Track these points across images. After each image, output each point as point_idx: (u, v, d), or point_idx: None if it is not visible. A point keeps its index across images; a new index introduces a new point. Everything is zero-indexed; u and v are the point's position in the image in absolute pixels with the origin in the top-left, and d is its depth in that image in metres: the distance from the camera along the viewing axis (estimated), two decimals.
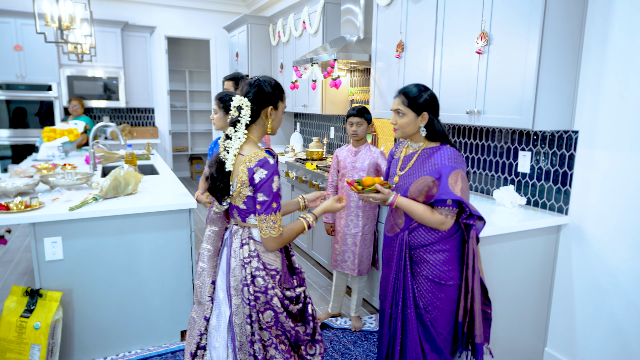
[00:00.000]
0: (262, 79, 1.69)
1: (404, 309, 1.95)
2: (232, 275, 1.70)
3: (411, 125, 1.91)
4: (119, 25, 6.01)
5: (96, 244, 2.41)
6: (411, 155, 1.99)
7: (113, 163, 4.02)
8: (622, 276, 2.17)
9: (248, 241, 1.69)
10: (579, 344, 2.40)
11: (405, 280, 1.93)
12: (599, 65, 2.21)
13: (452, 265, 1.90)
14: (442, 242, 1.89)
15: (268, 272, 1.68)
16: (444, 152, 1.87)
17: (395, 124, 1.94)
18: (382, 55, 3.33)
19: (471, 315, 1.94)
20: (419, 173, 1.89)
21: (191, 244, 2.65)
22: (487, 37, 2.35)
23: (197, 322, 1.86)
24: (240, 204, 1.68)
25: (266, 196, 1.60)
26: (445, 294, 1.91)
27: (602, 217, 2.24)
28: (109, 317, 2.51)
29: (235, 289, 1.69)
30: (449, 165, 1.82)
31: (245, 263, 1.67)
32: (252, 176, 1.60)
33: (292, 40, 4.93)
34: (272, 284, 1.67)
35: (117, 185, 2.62)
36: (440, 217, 1.81)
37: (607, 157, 2.20)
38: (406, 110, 1.89)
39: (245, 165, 1.61)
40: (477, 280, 1.90)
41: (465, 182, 1.82)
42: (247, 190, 1.63)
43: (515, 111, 2.24)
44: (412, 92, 1.89)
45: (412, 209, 1.85)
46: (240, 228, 1.73)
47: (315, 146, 4.76)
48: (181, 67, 7.96)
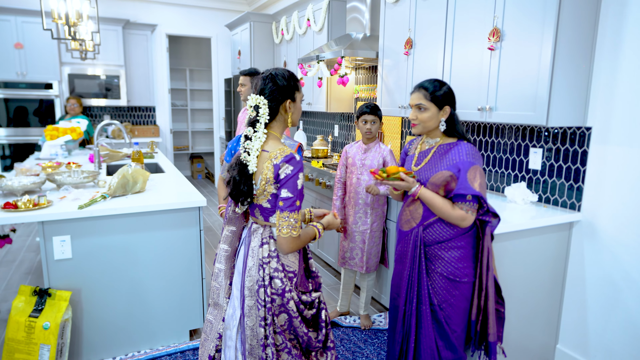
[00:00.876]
0: (274, 72, 1.63)
1: (418, 306, 1.93)
2: (247, 275, 1.65)
3: (433, 120, 1.89)
4: (121, 23, 5.98)
5: (105, 242, 2.39)
6: (427, 151, 1.97)
7: (117, 161, 3.99)
8: (636, 273, 2.16)
9: (269, 240, 1.64)
10: (591, 341, 2.39)
11: (420, 277, 1.91)
12: (612, 61, 2.20)
13: (467, 263, 1.89)
14: (457, 238, 1.87)
15: (286, 274, 1.63)
16: (461, 148, 1.86)
17: (415, 119, 1.92)
18: (389, 52, 3.31)
19: (485, 313, 1.93)
20: (437, 168, 1.88)
21: (200, 242, 2.63)
22: (500, 33, 2.34)
23: (215, 325, 1.81)
24: (264, 203, 1.63)
25: (290, 193, 1.55)
26: (459, 291, 1.90)
27: (616, 213, 2.23)
28: (117, 316, 2.48)
29: (249, 290, 1.63)
30: (468, 160, 1.80)
31: (264, 263, 1.61)
32: (278, 172, 1.55)
33: (296, 38, 4.91)
34: (289, 287, 1.62)
35: (126, 184, 2.60)
36: (461, 212, 1.80)
37: (621, 153, 2.19)
38: (428, 104, 1.88)
39: (271, 161, 1.57)
40: (491, 278, 1.89)
41: (484, 177, 1.82)
42: (272, 187, 1.58)
43: (528, 107, 2.22)
44: (433, 85, 1.88)
45: (434, 201, 1.84)
46: (261, 227, 1.68)
47: (319, 144, 4.74)
48: (182, 65, 7.92)
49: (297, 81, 1.68)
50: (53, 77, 5.70)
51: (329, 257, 3.85)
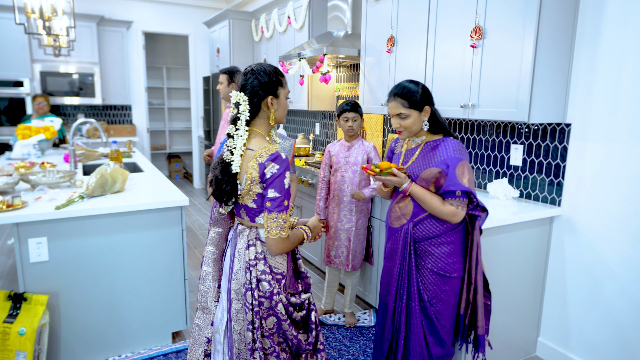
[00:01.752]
0: (256, 67, 1.58)
1: (408, 303, 1.94)
2: (234, 278, 1.60)
3: (417, 124, 1.91)
4: (95, 20, 5.81)
5: (83, 244, 2.31)
6: (414, 149, 1.98)
7: (94, 161, 3.87)
8: (615, 265, 2.23)
9: (255, 242, 1.60)
10: (572, 333, 2.45)
11: (410, 274, 1.92)
12: (591, 58, 2.25)
13: (457, 258, 1.91)
14: (447, 234, 1.89)
15: (274, 276, 1.59)
16: (448, 144, 1.87)
17: (399, 127, 1.92)
18: (371, 50, 3.32)
19: (473, 307, 1.95)
20: (424, 165, 1.89)
21: (183, 242, 2.58)
22: (482, 31, 2.37)
23: (203, 329, 1.75)
24: (250, 203, 1.59)
25: (278, 192, 1.51)
26: (449, 286, 1.92)
27: (595, 208, 2.29)
28: (97, 320, 2.41)
29: (236, 293, 1.59)
30: (455, 156, 1.82)
31: (251, 266, 1.57)
32: (263, 171, 1.51)
33: (277, 35, 4.87)
34: (277, 289, 1.58)
35: (104, 183, 2.52)
36: (451, 208, 1.81)
37: (600, 149, 2.25)
38: (408, 111, 1.88)
39: (256, 160, 1.52)
40: (480, 272, 1.92)
41: (472, 173, 1.84)
42: (257, 187, 1.54)
43: (510, 104, 2.26)
44: (409, 91, 1.88)
45: (424, 197, 1.85)
46: (247, 228, 1.63)
47: (301, 142, 4.72)
48: (159, 63, 7.76)
49: (281, 76, 1.64)
50: (24, 74, 5.50)
51: (312, 256, 3.84)
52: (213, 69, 6.27)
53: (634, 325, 2.16)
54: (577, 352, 2.43)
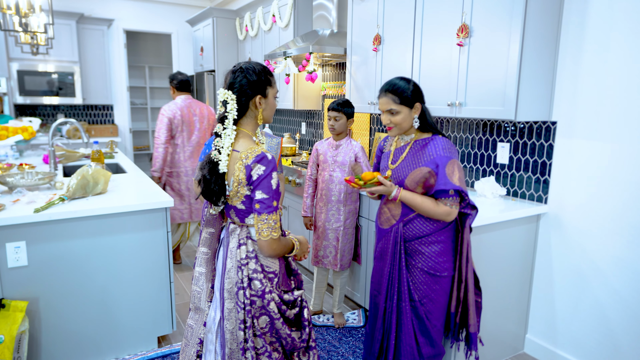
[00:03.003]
0: (245, 66, 1.56)
1: (398, 303, 1.93)
2: (226, 277, 1.59)
3: (407, 120, 1.89)
4: (74, 17, 5.67)
5: (65, 247, 2.24)
6: (403, 148, 1.96)
7: (74, 162, 3.77)
8: (601, 262, 2.25)
9: (246, 241, 1.58)
10: (559, 329, 2.47)
11: (401, 274, 1.90)
12: (576, 57, 2.27)
13: (447, 257, 1.90)
14: (437, 233, 1.88)
15: (266, 275, 1.58)
16: (437, 143, 1.86)
17: (389, 123, 1.91)
18: (358, 48, 3.30)
19: (464, 305, 1.94)
20: (414, 165, 1.87)
21: (168, 244, 2.52)
22: (468, 29, 2.37)
23: (196, 330, 1.73)
24: (239, 204, 1.57)
25: (266, 194, 1.49)
26: (439, 285, 1.91)
27: (581, 205, 2.31)
28: (80, 325, 2.34)
29: (229, 292, 1.58)
30: (445, 155, 1.81)
31: (242, 265, 1.56)
32: (250, 173, 1.49)
33: (261, 34, 4.82)
34: (269, 288, 1.57)
35: (86, 185, 2.45)
36: (445, 208, 1.80)
37: (586, 146, 2.27)
38: (399, 107, 1.87)
39: (242, 162, 1.50)
40: (470, 270, 1.92)
41: (462, 171, 1.83)
42: (245, 189, 1.52)
43: (497, 102, 2.26)
44: (400, 87, 1.86)
45: (416, 202, 1.83)
46: (238, 227, 1.62)
47: (287, 142, 4.68)
48: (141, 62, 7.63)
49: (270, 75, 1.62)
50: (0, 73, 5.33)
51: None
52: (197, 68, 6.18)
53: (619, 320, 2.19)
54: (564, 348, 2.45)
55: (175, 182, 3.70)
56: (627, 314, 2.16)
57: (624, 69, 2.09)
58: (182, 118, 3.61)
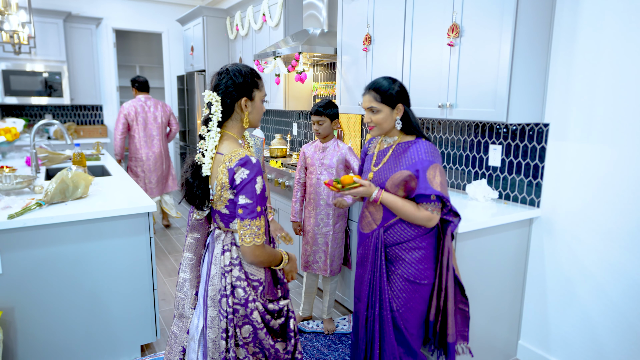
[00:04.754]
0: (231, 67, 1.52)
1: (380, 312, 1.86)
2: (210, 283, 1.55)
3: (388, 120, 1.83)
4: (61, 16, 5.57)
5: (42, 255, 2.16)
6: (386, 150, 1.90)
7: (59, 164, 3.68)
8: (595, 267, 2.20)
9: (230, 247, 1.54)
10: (552, 335, 2.41)
11: (382, 281, 1.84)
12: (568, 58, 2.21)
13: (428, 264, 1.84)
14: (419, 239, 1.82)
15: (250, 283, 1.53)
16: (419, 146, 1.80)
17: (370, 122, 1.85)
18: (348, 48, 3.23)
19: (444, 314, 1.89)
20: (395, 168, 1.81)
21: (151, 250, 2.44)
22: (459, 29, 2.31)
23: (179, 337, 1.68)
24: (222, 209, 1.53)
25: (249, 199, 1.44)
26: (419, 293, 1.85)
27: (574, 208, 2.26)
28: (58, 335, 2.25)
29: (212, 299, 1.54)
30: (427, 159, 1.75)
31: (226, 272, 1.51)
32: (233, 177, 1.44)
33: (252, 33, 4.75)
34: (253, 296, 1.52)
35: (65, 189, 2.37)
36: (426, 213, 1.74)
37: (579, 149, 2.21)
38: (380, 106, 1.81)
39: (225, 165, 1.46)
40: (451, 278, 1.86)
41: (444, 176, 1.77)
42: (228, 193, 1.48)
43: (488, 104, 2.20)
44: (383, 86, 1.81)
45: (397, 205, 1.76)
46: (223, 233, 1.57)
47: (278, 143, 4.61)
48: (131, 62, 7.52)
49: (257, 78, 1.57)
50: None
51: None
52: (187, 67, 6.09)
53: (612, 327, 2.14)
54: (557, 354, 2.39)
55: (134, 165, 4.57)
56: (619, 320, 2.11)
57: (616, 70, 2.03)
58: (136, 114, 4.44)
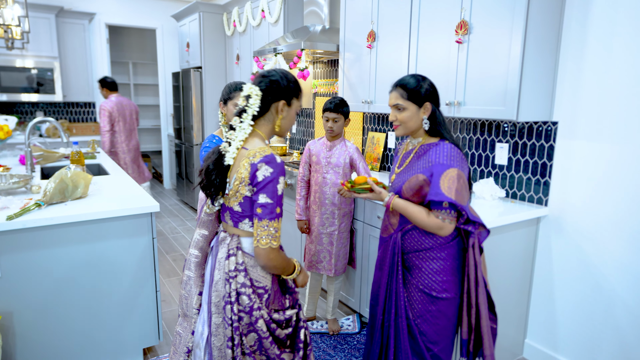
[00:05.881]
0: (279, 71, 1.52)
1: (396, 318, 1.79)
2: (214, 289, 1.50)
3: (413, 119, 1.73)
4: (53, 11, 5.45)
5: (42, 257, 2.09)
6: (410, 152, 1.82)
7: (53, 163, 3.60)
8: (603, 265, 2.19)
9: (236, 252, 1.48)
10: (559, 334, 2.40)
11: (398, 287, 1.77)
12: (577, 56, 2.20)
13: (447, 277, 1.72)
14: (437, 248, 1.71)
15: (255, 290, 1.48)
16: (440, 149, 1.69)
17: (395, 120, 1.76)
18: (351, 45, 3.19)
19: (477, 332, 1.75)
20: (413, 171, 1.73)
21: (154, 251, 2.39)
22: (467, 26, 2.28)
23: (184, 338, 1.63)
24: (235, 205, 1.47)
25: (270, 198, 1.39)
26: (437, 307, 1.73)
27: (583, 207, 2.25)
28: (59, 339, 2.19)
29: (216, 306, 1.49)
30: (444, 163, 1.64)
31: (231, 277, 1.46)
32: (255, 173, 1.39)
33: (250, 30, 4.68)
34: (258, 304, 1.46)
35: (64, 188, 2.30)
36: (436, 220, 1.62)
37: (588, 148, 2.20)
38: (406, 103, 1.72)
39: (248, 160, 1.41)
40: (482, 293, 1.71)
41: (462, 182, 1.63)
42: (245, 189, 1.42)
43: (498, 102, 2.18)
44: (411, 83, 1.72)
45: (407, 210, 1.68)
46: (229, 236, 1.52)
47: (277, 141, 4.56)
48: (124, 58, 7.41)
49: (300, 90, 1.56)
50: None
51: None
52: (183, 64, 6.01)
53: (622, 326, 2.13)
54: (564, 353, 2.39)
55: (115, 158, 4.71)
56: (629, 318, 2.10)
57: (627, 68, 2.02)
58: (118, 111, 4.65)
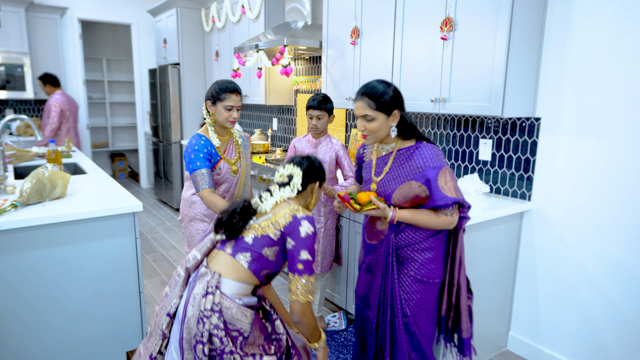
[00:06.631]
0: (312, 157, 1.74)
1: (392, 318, 1.82)
2: (186, 326, 1.46)
3: (383, 128, 1.73)
4: (22, 5, 5.24)
5: (19, 260, 2.01)
6: (386, 158, 1.81)
7: (27, 162, 3.46)
8: (585, 259, 2.24)
9: (214, 291, 1.46)
10: (542, 326, 2.46)
11: (393, 287, 1.80)
12: (560, 52, 2.24)
13: (439, 263, 1.81)
14: (431, 239, 1.78)
15: (228, 333, 1.45)
16: (423, 152, 1.72)
17: (364, 130, 1.74)
18: (334, 41, 3.18)
19: (457, 309, 1.86)
20: (401, 178, 1.74)
21: (137, 252, 2.32)
22: (453, 22, 2.30)
23: (142, 358, 1.56)
24: (248, 237, 1.56)
25: (310, 255, 1.52)
26: (431, 292, 1.82)
27: (566, 201, 2.30)
28: (39, 345, 2.11)
29: (188, 343, 1.45)
30: (434, 165, 1.68)
31: (205, 316, 1.43)
32: (297, 227, 1.52)
33: (229, 26, 4.61)
34: (230, 347, 1.44)
35: (42, 188, 2.21)
36: (447, 218, 1.70)
37: (571, 143, 2.25)
38: (375, 113, 1.70)
39: (291, 212, 1.56)
40: (463, 273, 1.83)
41: (453, 176, 1.72)
42: (272, 230, 1.54)
43: (483, 98, 2.21)
44: (377, 92, 1.69)
45: (415, 220, 1.71)
46: (210, 273, 1.50)
47: (258, 139, 4.52)
48: (98, 54, 7.19)
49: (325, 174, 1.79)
50: None
51: None
52: (160, 60, 5.88)
53: (603, 317, 2.20)
54: (547, 344, 2.44)
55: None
56: (610, 310, 2.17)
57: (607, 64, 2.08)
58: (69, 108, 4.85)
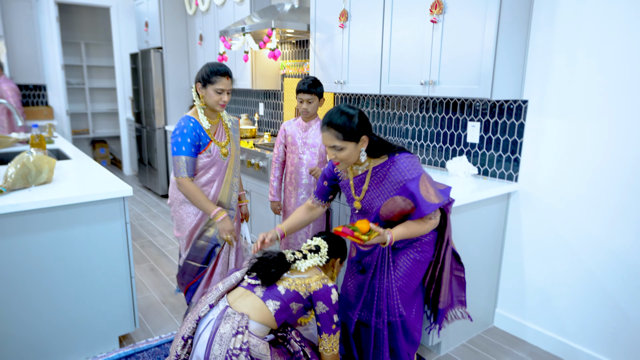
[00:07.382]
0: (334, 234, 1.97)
1: (389, 318, 1.89)
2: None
3: (354, 155, 1.76)
4: None
5: (7, 245, 1.97)
6: (362, 177, 1.85)
7: (8, 148, 3.37)
8: (570, 237, 2.32)
9: (244, 331, 1.59)
10: (528, 303, 2.54)
11: (389, 287, 1.86)
12: (547, 34, 2.28)
13: (432, 245, 1.93)
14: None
15: None
16: (399, 166, 1.75)
17: (335, 159, 1.76)
18: (322, 25, 3.16)
19: (438, 283, 1.99)
20: (384, 195, 1.79)
21: (127, 236, 2.30)
22: (442, 5, 2.31)
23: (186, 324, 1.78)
24: (280, 287, 1.72)
25: (338, 317, 1.78)
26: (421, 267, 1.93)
27: (552, 182, 2.36)
28: (30, 331, 2.09)
29: None
30: (412, 177, 1.72)
31: (234, 354, 1.56)
32: (329, 295, 1.73)
33: (213, 9, 4.53)
34: None
35: (27, 174, 2.17)
36: (432, 221, 1.78)
37: (557, 125, 2.30)
38: (344, 143, 1.71)
39: (322, 280, 1.76)
40: (449, 250, 1.94)
41: (431, 180, 1.77)
42: (303, 289, 1.73)
43: (473, 81, 2.23)
44: (342, 123, 1.69)
45: (409, 233, 1.76)
46: (238, 314, 1.63)
47: (245, 123, 4.48)
48: (75, 38, 6.99)
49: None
50: None
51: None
52: (142, 44, 5.75)
53: (586, 292, 2.28)
54: (532, 320, 2.53)
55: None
56: (593, 285, 2.25)
57: (595, 46, 2.12)
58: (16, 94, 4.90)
